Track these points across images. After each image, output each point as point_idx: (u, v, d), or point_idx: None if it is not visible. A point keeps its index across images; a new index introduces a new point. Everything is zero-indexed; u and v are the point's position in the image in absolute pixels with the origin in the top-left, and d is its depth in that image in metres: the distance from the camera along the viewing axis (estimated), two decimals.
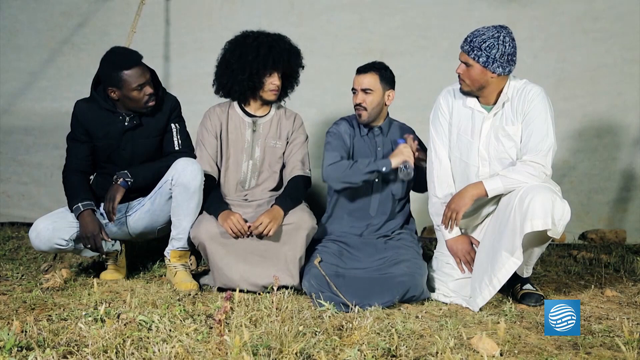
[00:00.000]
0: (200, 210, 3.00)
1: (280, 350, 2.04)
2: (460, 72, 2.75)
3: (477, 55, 2.68)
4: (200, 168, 2.96)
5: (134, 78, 2.86)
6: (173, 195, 2.93)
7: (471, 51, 2.69)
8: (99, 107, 2.96)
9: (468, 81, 2.75)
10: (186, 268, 3.00)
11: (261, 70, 3.03)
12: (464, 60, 2.74)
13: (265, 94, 3.10)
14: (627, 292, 2.97)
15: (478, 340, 2.18)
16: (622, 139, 4.03)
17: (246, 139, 3.16)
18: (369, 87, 3.05)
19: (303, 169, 3.15)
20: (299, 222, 2.93)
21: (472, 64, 2.71)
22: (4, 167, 4.38)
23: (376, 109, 3.09)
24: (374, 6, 4.12)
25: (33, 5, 4.27)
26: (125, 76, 2.85)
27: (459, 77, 2.78)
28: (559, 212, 2.54)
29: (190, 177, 2.89)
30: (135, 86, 2.87)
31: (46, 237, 2.84)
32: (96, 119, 2.96)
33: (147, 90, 2.90)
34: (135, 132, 3.00)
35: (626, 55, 3.97)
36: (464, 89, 2.79)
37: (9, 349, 2.03)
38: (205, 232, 2.90)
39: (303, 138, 3.22)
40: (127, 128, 2.98)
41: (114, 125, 2.97)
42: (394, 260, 2.89)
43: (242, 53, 3.05)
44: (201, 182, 2.93)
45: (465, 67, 2.73)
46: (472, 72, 2.72)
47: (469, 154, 2.82)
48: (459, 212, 2.73)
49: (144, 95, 2.90)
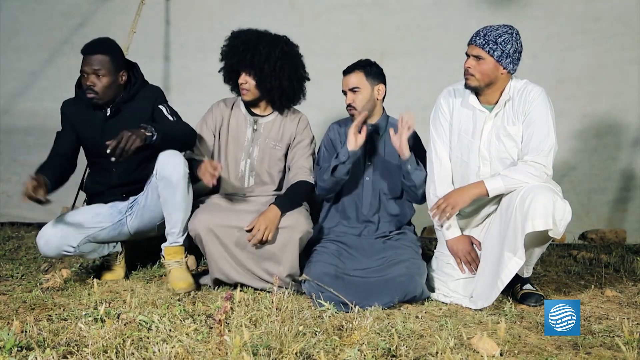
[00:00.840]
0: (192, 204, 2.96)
1: (280, 350, 2.04)
2: (470, 67, 2.73)
3: (492, 49, 2.67)
4: (183, 160, 2.87)
5: (83, 63, 2.95)
6: (159, 190, 2.91)
7: (486, 44, 2.68)
8: (81, 101, 3.02)
9: (478, 75, 2.73)
10: (180, 265, 2.92)
11: (228, 69, 3.08)
12: (475, 54, 2.71)
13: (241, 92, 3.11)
14: (627, 292, 2.97)
15: (478, 340, 2.18)
16: (622, 139, 4.03)
17: (246, 137, 3.15)
18: (355, 85, 3.05)
19: (307, 174, 3.10)
20: (294, 225, 2.88)
21: (485, 57, 2.69)
22: (4, 167, 4.39)
23: (367, 106, 3.08)
24: (374, 7, 4.12)
25: (33, 6, 4.28)
26: (82, 60, 2.95)
27: (467, 72, 2.75)
28: (560, 212, 2.54)
29: (172, 168, 2.84)
30: (80, 70, 2.95)
31: (55, 245, 2.86)
32: (80, 114, 3.03)
33: (88, 80, 2.94)
34: (117, 121, 2.98)
35: (626, 55, 3.97)
36: (472, 84, 2.76)
37: (9, 349, 2.03)
38: (200, 222, 2.88)
39: (307, 141, 3.18)
40: (107, 117, 3.01)
41: (96, 117, 3.02)
42: (393, 261, 2.88)
43: (222, 52, 3.11)
44: (184, 174, 2.86)
45: (475, 61, 2.71)
46: (484, 66, 2.70)
47: (470, 154, 2.82)
48: (455, 208, 2.72)
49: (85, 83, 2.95)
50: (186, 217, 2.93)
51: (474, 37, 2.73)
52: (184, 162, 2.90)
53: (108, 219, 3.02)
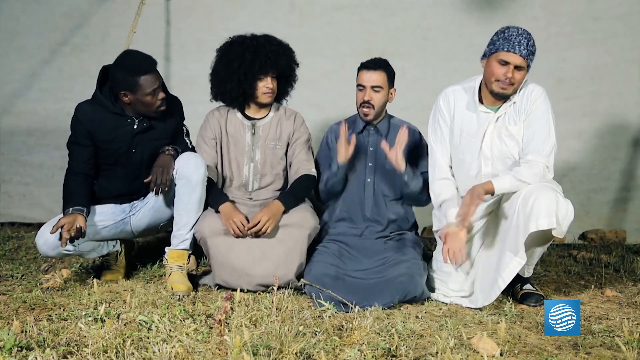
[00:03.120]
0: (203, 207, 2.98)
1: (280, 350, 2.05)
2: (513, 77, 2.65)
3: (531, 60, 2.67)
4: (203, 162, 2.93)
5: (149, 83, 2.84)
6: (176, 189, 2.91)
7: (529, 55, 2.65)
8: (105, 110, 2.92)
9: (516, 85, 2.69)
10: (182, 269, 2.93)
11: (249, 76, 3.01)
12: (519, 64, 2.64)
13: (260, 97, 3.08)
14: (627, 292, 2.97)
15: (478, 340, 2.19)
16: (622, 139, 4.03)
17: (246, 142, 3.15)
18: (379, 84, 3.03)
19: (308, 167, 3.13)
20: (301, 221, 2.93)
21: (524, 67, 2.66)
22: (5, 167, 4.39)
23: (382, 107, 3.09)
24: (374, 7, 4.12)
25: (34, 7, 4.28)
26: (141, 81, 2.82)
27: (507, 82, 2.66)
28: (563, 212, 2.54)
29: (193, 168, 2.88)
30: (149, 91, 2.84)
31: (54, 244, 2.81)
32: (102, 122, 2.92)
33: (160, 95, 2.88)
34: (144, 135, 2.97)
35: (626, 55, 3.97)
36: (507, 93, 2.70)
37: (9, 349, 2.03)
38: (208, 227, 2.89)
39: (305, 137, 3.20)
40: (137, 131, 2.95)
41: (122, 128, 2.94)
42: (393, 261, 2.89)
43: (229, 61, 3.04)
44: (204, 176, 2.90)
45: (517, 71, 2.66)
46: (521, 76, 2.68)
47: (472, 154, 2.82)
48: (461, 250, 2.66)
49: (157, 100, 2.88)
50: (195, 221, 2.94)
51: (516, 46, 2.62)
52: (205, 165, 2.93)
53: (110, 217, 3.02)
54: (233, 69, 3.02)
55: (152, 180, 2.89)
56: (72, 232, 2.72)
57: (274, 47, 3.05)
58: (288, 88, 3.19)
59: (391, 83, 3.09)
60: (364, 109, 3.05)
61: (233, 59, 3.03)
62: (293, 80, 3.18)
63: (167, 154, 2.96)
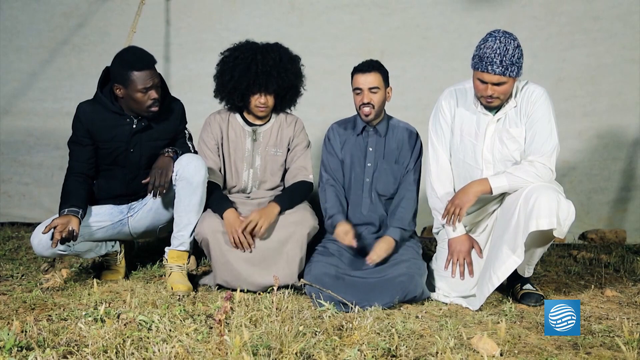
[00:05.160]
0: (204, 209, 2.98)
1: (280, 350, 2.05)
2: (493, 93, 2.66)
3: (512, 72, 2.62)
4: (204, 164, 2.92)
5: (141, 80, 2.83)
6: (176, 190, 2.91)
7: (506, 70, 2.61)
8: (105, 109, 2.92)
9: (502, 97, 2.69)
10: (182, 270, 2.94)
11: (239, 92, 3.01)
12: (496, 82, 2.63)
13: (254, 110, 3.06)
14: (627, 292, 2.97)
15: (478, 340, 2.18)
16: (622, 139, 4.03)
17: (246, 148, 3.14)
18: (376, 85, 3.03)
19: (306, 174, 3.13)
20: (300, 220, 2.93)
21: (506, 80, 2.64)
22: (5, 167, 4.39)
23: (381, 106, 3.09)
24: (374, 6, 4.12)
25: (34, 6, 4.28)
26: (134, 76, 2.83)
27: (489, 98, 2.67)
28: (564, 212, 2.54)
29: (193, 170, 2.87)
30: (140, 88, 2.84)
31: (48, 244, 2.78)
32: (101, 121, 2.92)
33: (152, 94, 2.87)
34: (143, 135, 2.97)
35: (626, 55, 3.97)
36: (495, 105, 2.71)
37: (9, 349, 2.03)
38: (209, 227, 2.89)
39: (305, 143, 3.20)
40: (135, 131, 2.95)
41: (121, 128, 2.94)
42: (393, 261, 2.88)
43: (222, 72, 3.04)
44: (205, 178, 2.90)
45: (497, 87, 2.65)
46: (506, 87, 2.66)
47: (473, 157, 2.82)
48: (463, 208, 2.72)
49: (148, 99, 2.87)
50: (195, 223, 2.93)
51: (489, 66, 2.61)
52: (206, 166, 2.92)
53: (107, 218, 3.01)
54: (225, 81, 3.03)
55: (150, 182, 2.89)
56: (64, 234, 2.71)
57: (267, 67, 2.98)
58: (291, 102, 3.16)
59: (386, 82, 3.09)
60: (364, 109, 3.06)
61: (226, 70, 3.03)
62: (295, 94, 3.15)
63: (166, 156, 2.96)
